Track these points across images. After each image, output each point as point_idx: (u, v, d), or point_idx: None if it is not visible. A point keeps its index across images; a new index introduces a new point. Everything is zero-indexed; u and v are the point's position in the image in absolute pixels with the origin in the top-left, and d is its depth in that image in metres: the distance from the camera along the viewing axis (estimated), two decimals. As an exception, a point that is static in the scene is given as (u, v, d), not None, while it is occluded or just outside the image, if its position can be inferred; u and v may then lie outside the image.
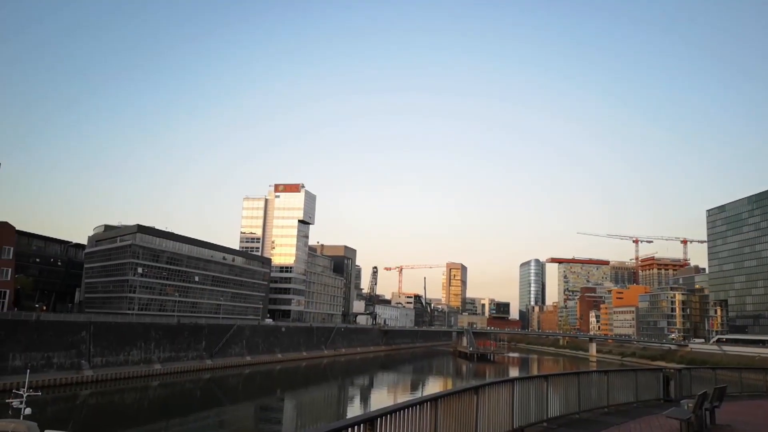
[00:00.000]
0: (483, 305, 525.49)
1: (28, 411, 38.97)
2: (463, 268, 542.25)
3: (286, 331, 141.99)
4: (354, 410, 78.86)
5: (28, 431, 36.00)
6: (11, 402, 39.98)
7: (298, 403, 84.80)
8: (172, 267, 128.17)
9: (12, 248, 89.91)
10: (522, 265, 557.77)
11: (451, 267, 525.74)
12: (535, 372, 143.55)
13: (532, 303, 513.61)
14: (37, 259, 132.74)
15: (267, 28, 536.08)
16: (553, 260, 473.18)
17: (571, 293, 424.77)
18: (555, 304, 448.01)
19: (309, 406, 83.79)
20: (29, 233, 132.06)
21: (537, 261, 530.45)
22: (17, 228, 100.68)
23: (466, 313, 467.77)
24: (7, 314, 75.13)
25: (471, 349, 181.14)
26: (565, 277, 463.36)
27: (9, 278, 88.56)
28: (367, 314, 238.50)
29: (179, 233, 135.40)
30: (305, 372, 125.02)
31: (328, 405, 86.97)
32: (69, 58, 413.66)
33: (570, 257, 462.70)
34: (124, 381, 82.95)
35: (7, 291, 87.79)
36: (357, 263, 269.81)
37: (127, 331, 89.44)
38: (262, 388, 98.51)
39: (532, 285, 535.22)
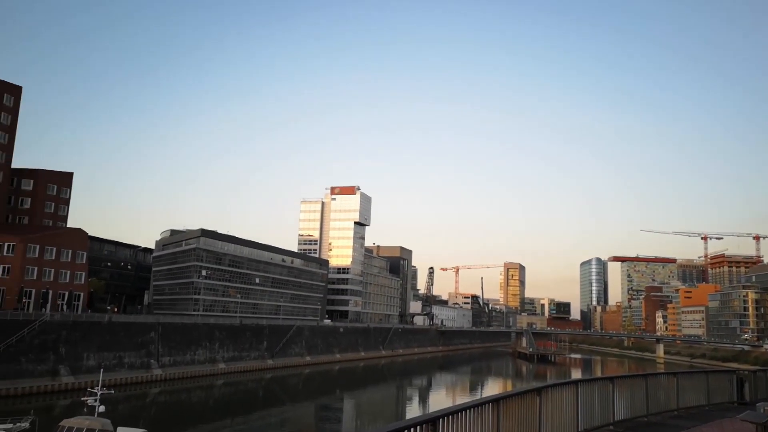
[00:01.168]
0: (542, 305, 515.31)
1: (102, 409, 40.81)
2: (521, 268, 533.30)
3: (344, 331, 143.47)
4: (413, 411, 78.87)
5: (102, 428, 37.67)
6: (86, 400, 42.00)
7: (358, 403, 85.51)
8: (233, 269, 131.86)
9: (85, 253, 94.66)
10: (582, 264, 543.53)
11: (508, 267, 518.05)
12: (598, 374, 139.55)
13: (594, 303, 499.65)
14: (109, 263, 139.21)
15: (320, 32, 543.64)
16: (616, 259, 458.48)
17: (635, 293, 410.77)
18: (618, 304, 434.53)
19: (368, 406, 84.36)
20: (101, 238, 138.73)
21: (598, 260, 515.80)
22: (90, 234, 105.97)
23: (525, 314, 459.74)
24: (82, 316, 79.04)
25: (531, 349, 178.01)
26: (628, 276, 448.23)
27: (83, 282, 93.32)
28: (424, 315, 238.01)
29: (239, 236, 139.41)
30: (363, 372, 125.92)
31: (387, 405, 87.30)
32: (131, 62, 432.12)
33: (633, 255, 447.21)
34: (190, 380, 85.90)
35: (82, 294, 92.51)
36: (413, 264, 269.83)
37: (192, 332, 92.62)
38: (322, 387, 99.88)
39: (594, 284, 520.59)
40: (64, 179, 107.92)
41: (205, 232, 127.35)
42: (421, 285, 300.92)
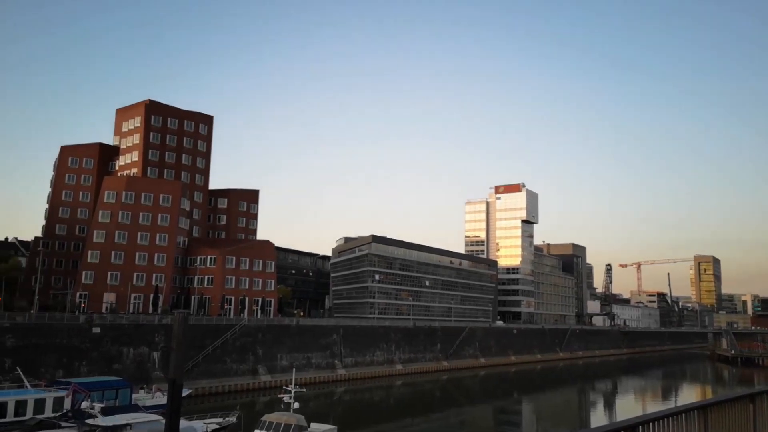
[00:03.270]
0: (744, 302, 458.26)
1: (296, 405, 44.22)
2: (715, 261, 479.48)
3: (518, 333, 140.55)
4: (597, 416, 74.65)
5: (297, 423, 40.86)
6: (282, 397, 45.89)
7: (537, 407, 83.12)
8: (404, 273, 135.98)
9: (274, 262, 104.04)
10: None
11: (700, 260, 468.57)
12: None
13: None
14: (293, 271, 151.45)
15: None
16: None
17: None
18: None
19: (549, 409, 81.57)
20: (285, 248, 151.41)
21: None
22: (275, 245, 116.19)
23: (723, 312, 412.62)
24: (274, 320, 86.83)
25: (732, 351, 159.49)
26: None
27: (273, 289, 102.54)
28: (604, 315, 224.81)
29: (407, 240, 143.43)
30: (541, 374, 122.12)
31: (570, 409, 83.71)
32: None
33: None
34: (371, 380, 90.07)
35: (272, 300, 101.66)
36: (587, 261, 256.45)
37: (370, 334, 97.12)
38: (499, 389, 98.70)
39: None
40: (252, 196, 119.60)
41: (375, 238, 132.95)
42: (598, 283, 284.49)
